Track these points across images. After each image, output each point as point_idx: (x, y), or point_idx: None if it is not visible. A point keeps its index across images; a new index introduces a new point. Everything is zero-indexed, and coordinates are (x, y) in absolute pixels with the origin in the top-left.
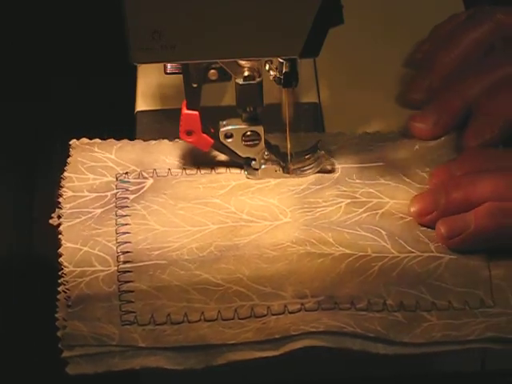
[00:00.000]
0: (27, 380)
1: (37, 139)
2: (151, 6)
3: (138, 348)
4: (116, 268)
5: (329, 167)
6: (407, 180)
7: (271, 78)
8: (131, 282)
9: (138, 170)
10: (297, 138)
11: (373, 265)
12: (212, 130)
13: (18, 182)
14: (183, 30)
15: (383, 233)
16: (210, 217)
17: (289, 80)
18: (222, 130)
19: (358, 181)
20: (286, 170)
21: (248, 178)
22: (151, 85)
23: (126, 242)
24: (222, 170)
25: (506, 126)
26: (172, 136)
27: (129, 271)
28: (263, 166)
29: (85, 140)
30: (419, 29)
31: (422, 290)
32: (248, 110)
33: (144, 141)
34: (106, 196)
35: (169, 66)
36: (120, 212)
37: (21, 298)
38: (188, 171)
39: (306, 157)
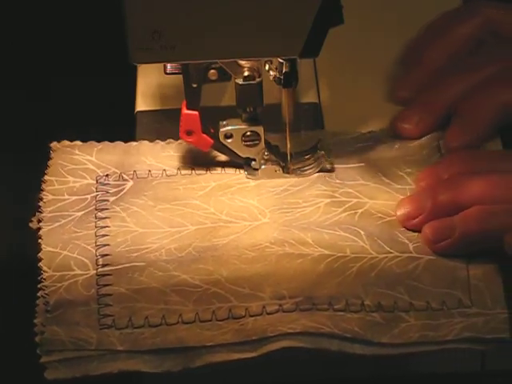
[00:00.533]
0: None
1: (37, 139)
2: (151, 6)
3: (115, 352)
4: (95, 271)
5: (328, 166)
6: (386, 180)
7: (271, 78)
8: (110, 285)
9: (119, 171)
10: (297, 138)
11: (351, 265)
12: (212, 130)
13: (18, 182)
14: (183, 30)
15: (362, 233)
16: (189, 218)
17: (289, 80)
18: (221, 130)
19: (337, 181)
20: (286, 170)
21: (248, 178)
22: (151, 85)
23: (105, 245)
24: (202, 171)
25: (487, 128)
26: (172, 136)
27: (108, 274)
28: (263, 166)
29: (66, 142)
30: (419, 29)
31: (400, 291)
32: (248, 110)
33: (142, 140)
34: (87, 199)
35: (169, 66)
36: (100, 214)
37: (21, 298)
38: (168, 172)
39: (306, 157)
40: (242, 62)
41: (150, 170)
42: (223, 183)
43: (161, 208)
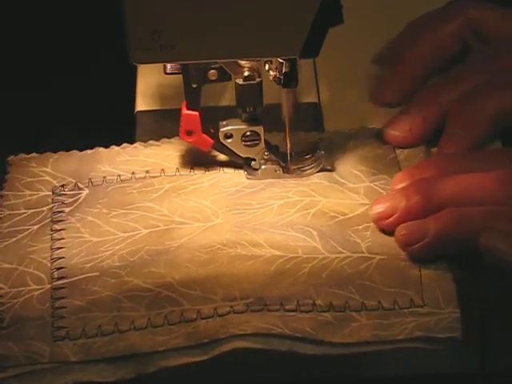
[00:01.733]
0: None
1: (37, 139)
2: (151, 6)
3: (69, 363)
4: (50, 285)
5: (328, 166)
6: (341, 180)
7: (271, 78)
8: (64, 298)
9: (74, 181)
10: (297, 138)
11: (303, 266)
12: (212, 130)
13: None
14: (183, 30)
15: (314, 233)
16: (142, 221)
17: (288, 80)
18: (221, 130)
19: (291, 181)
20: (286, 170)
21: (248, 179)
22: (151, 85)
23: (60, 258)
24: (156, 173)
25: (482, 136)
26: (172, 136)
27: (62, 287)
28: (263, 167)
29: (22, 155)
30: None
31: (352, 291)
32: (248, 110)
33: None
34: (43, 211)
35: (168, 66)
36: (55, 227)
37: None
38: (123, 177)
39: (306, 157)
40: (242, 62)
41: (104, 177)
42: (177, 184)
43: (115, 214)
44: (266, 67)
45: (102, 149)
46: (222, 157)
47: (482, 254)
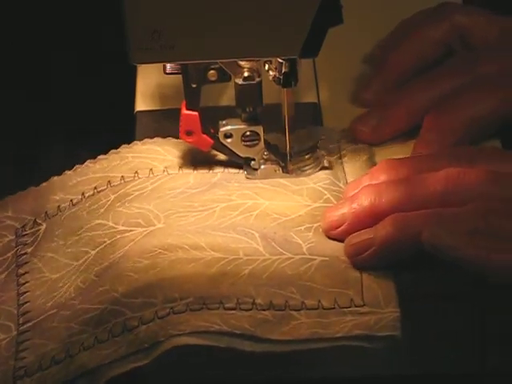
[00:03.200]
0: None
1: (37, 139)
2: (151, 6)
3: None
4: (16, 332)
5: (326, 164)
6: (285, 183)
7: (271, 78)
8: (27, 340)
9: (33, 218)
10: (296, 138)
11: (244, 268)
12: (212, 131)
13: (18, 183)
14: (183, 29)
15: (256, 235)
16: (92, 243)
17: (288, 80)
18: (221, 129)
19: (235, 184)
20: (286, 170)
21: (248, 178)
22: (151, 85)
23: (25, 303)
24: (103, 187)
25: (454, 144)
26: (172, 136)
27: (27, 331)
28: (262, 166)
29: None
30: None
31: (292, 291)
32: (247, 110)
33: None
34: (8, 257)
35: (168, 66)
36: (20, 271)
37: None
38: (74, 201)
39: (306, 156)
40: (242, 63)
41: (59, 206)
42: (122, 193)
43: (70, 243)
44: (266, 67)
45: (55, 178)
46: (155, 154)
47: (431, 253)
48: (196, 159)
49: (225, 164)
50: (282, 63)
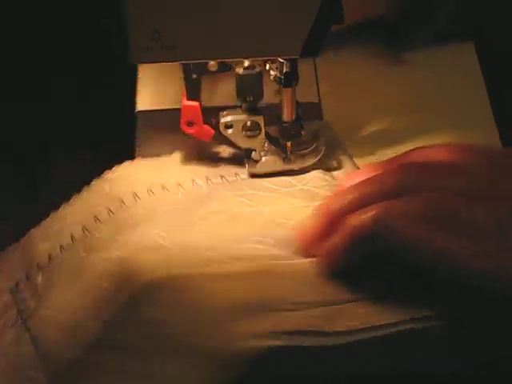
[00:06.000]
0: None
1: (37, 139)
2: (152, 6)
3: None
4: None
5: (335, 164)
6: (274, 187)
7: (272, 77)
8: None
9: (24, 273)
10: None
11: (279, 271)
12: (213, 121)
13: (18, 183)
14: (183, 29)
15: (272, 241)
16: (103, 276)
17: (289, 80)
18: (222, 120)
19: (226, 193)
20: (287, 161)
21: (249, 172)
22: (151, 85)
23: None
24: (91, 223)
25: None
26: (171, 135)
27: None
28: (263, 158)
29: None
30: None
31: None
32: (248, 99)
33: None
34: (11, 316)
35: None
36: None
37: None
38: (65, 245)
39: (307, 150)
40: None
41: (49, 255)
42: (116, 223)
43: (76, 283)
44: (267, 67)
45: (33, 230)
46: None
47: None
48: (175, 175)
49: (205, 175)
50: (283, 63)
